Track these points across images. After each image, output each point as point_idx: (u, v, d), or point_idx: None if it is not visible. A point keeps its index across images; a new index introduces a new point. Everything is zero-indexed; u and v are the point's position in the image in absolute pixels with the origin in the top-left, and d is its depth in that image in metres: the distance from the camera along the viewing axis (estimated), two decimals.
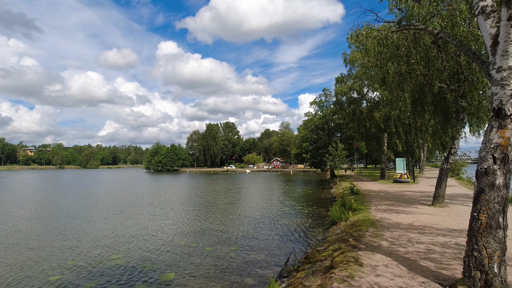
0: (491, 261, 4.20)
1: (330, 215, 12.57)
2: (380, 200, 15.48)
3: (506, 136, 4.36)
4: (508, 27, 4.33)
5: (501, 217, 4.31)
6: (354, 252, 6.68)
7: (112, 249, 10.13)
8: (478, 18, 4.97)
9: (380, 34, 9.94)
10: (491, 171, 4.38)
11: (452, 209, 12.08)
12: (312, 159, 46.69)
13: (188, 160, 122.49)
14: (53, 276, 7.77)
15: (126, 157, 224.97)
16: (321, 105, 43.98)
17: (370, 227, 9.05)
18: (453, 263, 5.73)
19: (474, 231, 4.40)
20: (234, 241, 10.83)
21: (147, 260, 8.88)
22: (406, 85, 11.87)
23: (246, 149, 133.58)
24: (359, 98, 29.65)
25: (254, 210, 17.67)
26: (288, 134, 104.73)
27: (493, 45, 4.66)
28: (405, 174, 26.22)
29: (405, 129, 27.66)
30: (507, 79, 4.45)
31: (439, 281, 4.94)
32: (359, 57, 22.52)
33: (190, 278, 7.46)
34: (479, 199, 4.46)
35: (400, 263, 5.83)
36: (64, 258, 9.18)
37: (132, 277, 7.61)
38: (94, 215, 16.68)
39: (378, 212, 11.70)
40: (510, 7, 4.25)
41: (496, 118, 4.50)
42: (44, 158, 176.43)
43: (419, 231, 8.47)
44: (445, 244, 7.08)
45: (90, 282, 7.33)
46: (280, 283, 6.60)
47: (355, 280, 5.09)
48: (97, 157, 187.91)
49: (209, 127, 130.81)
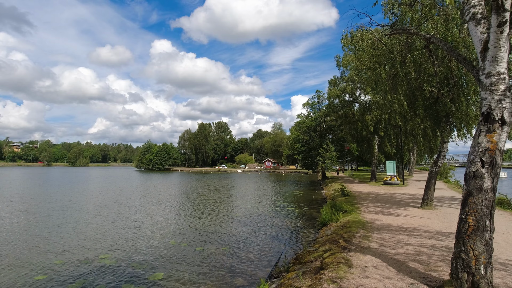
0: (478, 263, 4.27)
1: (320, 216, 12.62)
2: (370, 202, 15.63)
3: (494, 141, 4.44)
4: (498, 33, 4.41)
5: (488, 220, 4.38)
6: (344, 253, 6.71)
7: (100, 248, 9.95)
8: (469, 24, 5.05)
9: (374, 37, 10.04)
10: (479, 174, 4.45)
11: (441, 211, 12.28)
12: (304, 160, 46.90)
13: (180, 159, 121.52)
14: (38, 276, 7.58)
15: (116, 155, 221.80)
16: (314, 106, 44.33)
17: (360, 229, 9.12)
18: (441, 264, 5.81)
19: (462, 234, 4.47)
20: (225, 241, 10.76)
21: (136, 260, 8.74)
22: (399, 88, 12.02)
23: (238, 149, 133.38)
24: (351, 101, 29.96)
25: (245, 211, 17.62)
26: (280, 135, 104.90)
27: (483, 51, 4.74)
28: (395, 176, 26.59)
29: (395, 132, 28.05)
30: (496, 84, 4.53)
31: (427, 282, 5.00)
32: (352, 60, 22.75)
33: (179, 279, 7.37)
34: (467, 202, 4.52)
35: (390, 265, 5.88)
36: (49, 258, 8.96)
37: (120, 277, 7.47)
38: (81, 214, 16.35)
39: (368, 214, 11.81)
40: (500, 14, 4.33)
41: (485, 122, 4.57)
42: (31, 155, 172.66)
43: (408, 233, 8.58)
44: (433, 246, 7.17)
45: (76, 282, 7.17)
46: (270, 283, 6.58)
47: (345, 282, 5.11)
48: (86, 155, 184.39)
49: (201, 126, 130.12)
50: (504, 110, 4.43)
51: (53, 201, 20.97)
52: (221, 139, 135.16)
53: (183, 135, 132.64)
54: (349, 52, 12.85)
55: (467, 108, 11.86)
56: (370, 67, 11.61)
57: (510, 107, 4.48)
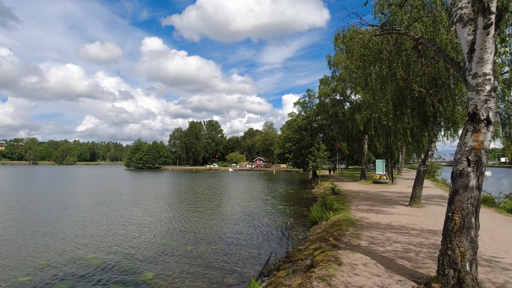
0: (464, 260, 4.36)
1: (311, 215, 12.70)
2: (360, 200, 15.83)
3: (480, 140, 4.54)
4: (484, 35, 4.50)
5: (474, 217, 4.48)
6: (334, 251, 6.77)
7: (87, 248, 9.76)
8: (457, 25, 5.14)
9: (364, 37, 10.14)
10: (465, 173, 4.54)
11: (428, 209, 12.53)
12: (295, 159, 47.14)
13: (170, 158, 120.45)
14: (22, 277, 7.38)
15: (105, 154, 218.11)
16: (305, 105, 44.54)
17: (350, 227, 9.22)
18: (428, 261, 5.92)
19: (449, 231, 4.56)
20: (215, 240, 10.72)
21: (124, 260, 8.61)
22: (387, 88, 12.18)
23: (229, 148, 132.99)
24: (342, 100, 30.21)
25: (236, 209, 17.59)
26: (271, 134, 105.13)
27: (469, 52, 4.84)
28: (384, 175, 27.00)
29: (384, 132, 28.44)
30: (482, 85, 4.63)
31: (414, 279, 5.09)
32: (343, 60, 22.93)
33: (169, 278, 7.30)
34: (453, 200, 4.61)
35: (378, 262, 5.96)
36: (35, 258, 8.74)
37: (108, 278, 7.34)
38: (69, 213, 16.02)
39: (358, 212, 11.95)
40: (486, 16, 4.42)
41: (471, 122, 4.67)
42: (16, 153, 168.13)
43: (397, 230, 8.71)
44: (421, 243, 7.31)
45: (63, 283, 7.01)
46: (261, 282, 6.58)
47: (334, 279, 5.15)
48: (74, 153, 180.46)
49: (192, 125, 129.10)
50: (489, 110, 4.53)
51: (38, 201, 20.46)
52: (212, 138, 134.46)
53: (173, 133, 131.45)
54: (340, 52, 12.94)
55: (454, 108, 12.12)
56: (360, 67, 11.73)
57: (495, 107, 4.58)
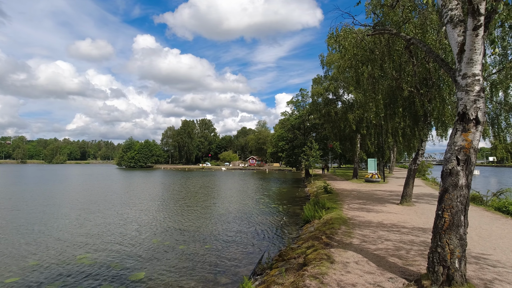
0: (453, 257, 4.45)
1: (304, 214, 12.77)
2: (352, 199, 15.97)
3: (469, 139, 4.62)
4: (473, 36, 4.58)
5: (463, 215, 4.57)
6: (326, 250, 6.82)
7: (78, 248, 9.61)
8: (447, 26, 5.22)
9: (357, 36, 10.22)
10: (455, 172, 4.63)
11: (419, 208, 12.72)
12: (288, 158, 47.27)
13: (163, 157, 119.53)
14: (10, 278, 7.22)
15: (96, 153, 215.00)
16: (298, 105, 44.70)
17: (342, 225, 9.30)
18: (419, 259, 6.02)
19: (438, 229, 4.63)
20: (208, 239, 10.68)
21: (116, 260, 8.51)
22: (378, 88, 12.30)
23: (222, 147, 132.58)
24: (334, 100, 30.41)
25: (229, 208, 17.56)
26: (264, 133, 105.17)
27: (459, 53, 4.92)
28: (376, 174, 27.31)
29: (376, 131, 28.76)
30: (471, 85, 4.72)
31: (405, 276, 5.17)
32: (336, 59, 23.07)
33: (161, 277, 7.25)
34: (443, 198, 4.69)
35: (370, 260, 6.02)
36: (24, 258, 8.56)
37: (99, 278, 7.24)
38: (59, 213, 15.75)
39: (350, 211, 12.06)
40: (476, 18, 4.50)
41: (461, 122, 4.75)
42: (4, 152, 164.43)
43: (388, 229, 8.83)
44: (411, 241, 7.42)
45: (52, 284, 6.89)
46: (254, 280, 6.59)
47: (327, 277, 5.19)
48: (64, 152, 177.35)
49: (185, 123, 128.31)
50: (478, 110, 4.62)
51: (27, 200, 20.06)
52: (205, 137, 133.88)
53: (166, 132, 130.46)
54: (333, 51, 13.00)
55: (444, 108, 12.32)
56: (353, 66, 11.82)
57: (484, 107, 4.68)
